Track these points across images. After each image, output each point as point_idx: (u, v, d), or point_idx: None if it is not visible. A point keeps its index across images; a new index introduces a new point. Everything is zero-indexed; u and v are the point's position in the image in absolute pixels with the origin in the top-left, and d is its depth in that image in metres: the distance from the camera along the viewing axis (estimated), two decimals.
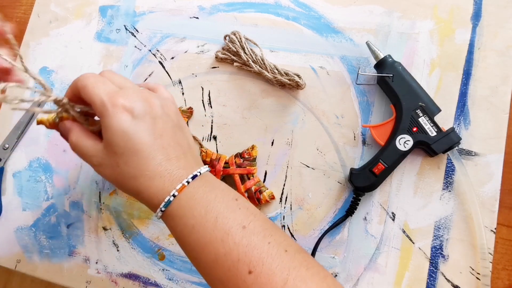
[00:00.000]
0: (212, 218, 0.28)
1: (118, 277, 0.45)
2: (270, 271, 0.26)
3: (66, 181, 0.49)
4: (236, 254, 0.27)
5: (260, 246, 0.27)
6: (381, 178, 0.39)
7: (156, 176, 0.29)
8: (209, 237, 0.28)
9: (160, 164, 0.29)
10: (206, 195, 0.29)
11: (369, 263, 0.40)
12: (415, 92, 0.39)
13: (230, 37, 0.46)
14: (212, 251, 0.28)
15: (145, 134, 0.29)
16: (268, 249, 0.27)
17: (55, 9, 0.54)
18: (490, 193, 0.38)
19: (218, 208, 0.29)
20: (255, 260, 0.27)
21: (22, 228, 0.49)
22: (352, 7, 0.45)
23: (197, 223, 0.28)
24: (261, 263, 0.26)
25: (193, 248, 0.29)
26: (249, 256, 0.27)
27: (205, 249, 0.28)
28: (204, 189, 0.30)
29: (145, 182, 0.29)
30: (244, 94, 0.46)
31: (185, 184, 0.29)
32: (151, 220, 0.46)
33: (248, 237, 0.27)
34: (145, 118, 0.29)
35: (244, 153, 0.44)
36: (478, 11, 0.42)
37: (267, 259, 0.27)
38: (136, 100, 0.29)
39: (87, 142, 0.31)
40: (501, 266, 0.38)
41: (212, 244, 0.28)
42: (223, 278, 0.27)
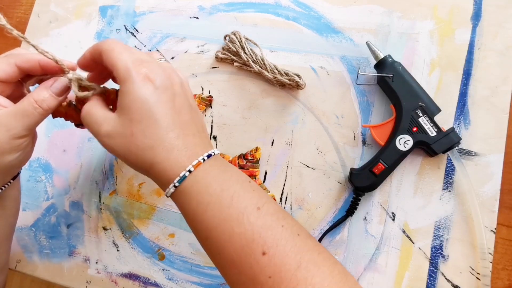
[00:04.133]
0: (228, 196, 0.28)
1: (118, 277, 0.45)
2: (284, 253, 0.26)
3: (66, 181, 0.49)
4: (251, 234, 0.26)
5: (274, 228, 0.27)
6: (381, 178, 0.39)
7: (174, 149, 0.28)
8: (225, 215, 0.27)
9: (178, 138, 0.28)
10: (221, 174, 0.29)
11: (369, 263, 0.40)
12: (415, 92, 0.39)
13: (230, 37, 0.46)
14: (226, 229, 0.27)
15: (166, 106, 0.28)
16: (282, 231, 0.27)
17: (55, 9, 0.54)
18: (490, 193, 0.38)
19: (234, 187, 0.28)
20: (270, 241, 0.26)
21: (22, 228, 0.49)
22: (352, 7, 0.45)
23: (213, 201, 0.28)
24: (275, 245, 0.26)
25: (207, 227, 0.28)
26: (263, 237, 0.26)
27: (219, 227, 0.27)
28: (219, 168, 0.29)
29: (162, 153, 0.28)
30: (244, 94, 0.46)
31: (201, 161, 0.28)
32: (151, 220, 0.46)
33: (263, 217, 0.27)
34: (167, 91, 0.29)
35: (248, 155, 0.43)
36: (478, 11, 0.42)
37: (281, 241, 0.26)
38: (159, 72, 0.29)
39: (100, 110, 0.30)
40: (501, 266, 0.38)
41: (227, 222, 0.27)
42: (235, 258, 0.27)
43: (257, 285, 0.26)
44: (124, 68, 0.28)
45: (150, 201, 0.46)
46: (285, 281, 0.25)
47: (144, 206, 0.46)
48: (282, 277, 0.25)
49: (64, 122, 0.50)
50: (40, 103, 0.31)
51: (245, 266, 0.26)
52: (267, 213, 0.27)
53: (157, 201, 0.46)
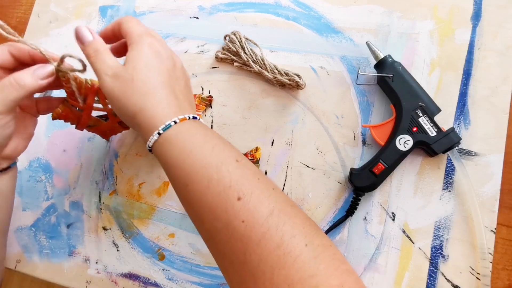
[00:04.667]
0: (210, 146, 0.30)
1: (118, 277, 0.45)
2: (258, 200, 0.27)
3: (66, 181, 0.49)
4: (228, 180, 0.28)
5: (251, 178, 0.29)
6: (381, 178, 0.39)
7: (164, 100, 0.31)
8: (205, 162, 0.29)
9: (169, 95, 0.32)
10: (205, 130, 0.31)
11: (369, 263, 0.40)
12: (415, 92, 0.39)
13: (230, 37, 0.46)
14: (205, 175, 0.29)
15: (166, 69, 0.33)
16: (258, 183, 0.29)
17: (55, 9, 0.54)
18: (490, 193, 0.38)
19: (215, 140, 0.31)
20: (246, 188, 0.28)
21: (22, 228, 0.49)
22: (352, 7, 0.45)
23: (195, 149, 0.30)
24: (250, 192, 0.28)
25: (187, 173, 0.29)
26: (240, 185, 0.28)
27: (199, 173, 0.29)
28: (203, 127, 0.32)
29: (153, 101, 0.31)
30: (244, 94, 0.46)
31: (187, 117, 0.31)
32: (151, 220, 0.46)
33: (241, 169, 0.29)
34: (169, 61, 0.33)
35: (248, 155, 0.43)
36: (478, 11, 0.42)
37: (256, 190, 0.28)
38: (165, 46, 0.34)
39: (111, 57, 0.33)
40: (501, 266, 0.38)
41: (207, 168, 0.29)
42: (212, 204, 0.28)
43: (230, 230, 0.27)
44: (137, 33, 0.33)
45: (150, 201, 0.46)
46: (256, 225, 0.26)
47: (144, 206, 0.46)
48: (254, 222, 0.27)
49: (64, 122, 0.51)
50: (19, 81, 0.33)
51: (221, 211, 0.28)
52: (245, 167, 0.30)
53: (157, 201, 0.46)
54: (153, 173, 0.47)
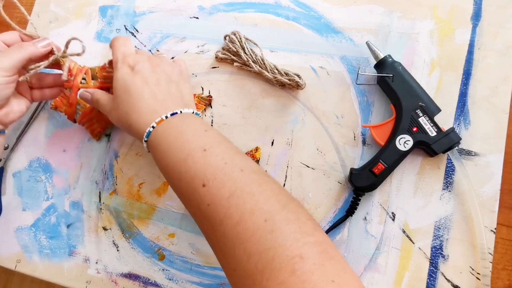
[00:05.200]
0: (179, 143, 0.33)
1: (118, 277, 0.45)
2: (221, 184, 0.30)
3: (66, 181, 0.49)
4: (193, 171, 0.31)
5: (216, 165, 0.31)
6: (381, 178, 0.39)
7: (143, 112, 0.36)
8: (176, 159, 0.33)
9: (147, 104, 0.36)
10: (179, 127, 0.35)
11: (369, 263, 0.40)
12: (415, 92, 0.39)
13: (230, 37, 0.46)
14: (176, 171, 0.33)
15: (138, 81, 0.37)
16: (223, 167, 0.31)
17: (55, 9, 0.54)
18: (490, 193, 0.38)
19: (185, 135, 0.34)
20: (209, 175, 0.31)
21: (22, 228, 0.49)
22: (352, 7, 0.45)
23: (168, 148, 0.34)
24: (213, 178, 0.30)
25: (166, 171, 0.34)
26: (203, 172, 0.31)
27: (173, 169, 0.33)
28: (179, 123, 0.35)
29: (135, 116, 0.36)
30: (244, 94, 0.46)
31: (163, 118, 0.35)
32: (151, 220, 0.46)
33: (206, 157, 0.32)
34: (143, 71, 0.38)
35: (248, 154, 0.43)
36: (478, 11, 0.42)
37: (220, 175, 0.30)
38: (140, 60, 0.39)
39: (105, 97, 0.40)
40: (501, 266, 0.38)
41: (177, 164, 0.33)
42: (184, 193, 0.33)
43: (200, 213, 0.31)
44: (115, 60, 0.39)
45: (150, 201, 0.46)
46: (219, 207, 0.29)
47: (144, 206, 0.46)
48: (217, 203, 0.30)
49: (64, 122, 0.51)
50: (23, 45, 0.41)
51: (191, 198, 0.32)
52: (212, 154, 0.32)
53: (157, 201, 0.46)
54: (153, 173, 0.47)
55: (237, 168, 0.31)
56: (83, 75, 0.44)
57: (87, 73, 0.44)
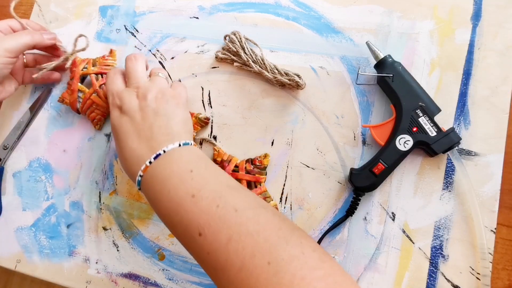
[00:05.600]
0: (166, 192, 0.32)
1: (118, 277, 0.45)
2: (216, 231, 0.29)
3: (66, 181, 0.49)
4: (186, 220, 0.31)
5: (208, 210, 0.30)
6: (381, 178, 0.39)
7: (129, 158, 0.36)
8: (165, 209, 0.32)
9: (132, 148, 0.35)
10: (162, 172, 0.33)
11: (369, 263, 0.40)
12: (415, 92, 0.39)
13: (230, 37, 0.46)
14: (169, 220, 0.32)
15: (125, 124, 0.37)
16: (216, 211, 0.30)
17: (55, 9, 0.54)
18: (490, 193, 0.38)
19: (171, 182, 0.32)
20: (203, 223, 0.30)
21: (22, 228, 0.49)
22: (352, 7, 0.45)
23: (156, 198, 0.33)
24: (208, 225, 0.29)
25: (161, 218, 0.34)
26: (197, 221, 0.30)
27: (165, 219, 0.33)
28: (163, 167, 0.34)
29: (124, 163, 0.36)
30: (244, 94, 0.46)
31: (148, 164, 0.34)
32: (151, 220, 0.46)
33: (196, 204, 0.31)
34: (129, 111, 0.37)
35: (256, 160, 0.43)
36: (478, 11, 0.42)
37: (214, 221, 0.29)
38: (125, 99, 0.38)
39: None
40: (501, 266, 0.38)
41: (169, 215, 0.32)
42: (182, 241, 0.32)
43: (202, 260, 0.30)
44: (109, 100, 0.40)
45: None
46: (219, 255, 0.29)
47: (144, 206, 0.46)
48: (216, 252, 0.29)
49: (64, 122, 0.51)
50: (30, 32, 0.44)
51: (190, 246, 0.31)
52: (202, 198, 0.31)
53: None
54: None
55: (230, 209, 0.30)
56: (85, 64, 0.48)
57: (88, 62, 0.48)
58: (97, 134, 0.49)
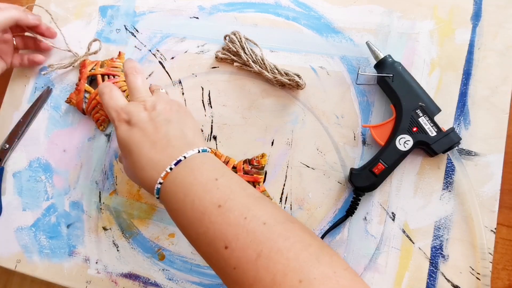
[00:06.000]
0: (190, 201, 0.31)
1: (118, 277, 0.45)
2: (245, 245, 0.28)
3: (66, 181, 0.49)
4: (212, 232, 0.29)
5: (235, 222, 0.29)
6: (381, 178, 0.39)
7: (146, 167, 0.34)
8: (188, 219, 0.31)
9: (149, 158, 0.34)
10: (185, 179, 0.32)
11: (369, 263, 0.40)
12: (415, 92, 0.39)
13: (230, 37, 0.46)
14: (193, 231, 0.31)
15: (137, 136, 0.35)
16: (244, 224, 0.29)
17: (55, 9, 0.54)
18: (490, 193, 0.38)
19: (195, 190, 0.31)
20: (230, 236, 0.28)
21: (22, 228, 0.49)
22: (352, 7, 0.45)
23: (179, 207, 0.32)
24: (236, 239, 0.28)
25: (183, 229, 0.32)
26: (224, 233, 0.29)
27: (187, 229, 0.31)
28: (185, 174, 0.32)
29: (140, 173, 0.34)
30: (244, 94, 0.46)
31: (168, 171, 0.33)
32: (151, 220, 0.46)
33: (223, 215, 0.29)
34: (139, 123, 0.35)
35: (253, 160, 0.43)
36: (478, 11, 0.42)
37: (242, 234, 0.28)
38: (134, 111, 0.36)
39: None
40: (501, 266, 0.38)
41: (192, 225, 0.31)
42: (205, 253, 0.31)
43: (227, 275, 0.29)
44: (111, 119, 0.37)
45: (150, 201, 0.46)
46: (247, 271, 0.27)
47: (144, 206, 0.46)
48: (244, 267, 0.27)
49: (64, 122, 0.51)
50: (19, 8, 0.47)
51: (214, 260, 0.30)
52: (229, 209, 0.29)
53: (157, 201, 0.46)
54: None
55: (259, 223, 0.29)
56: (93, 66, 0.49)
57: (96, 64, 0.49)
58: (97, 134, 0.49)
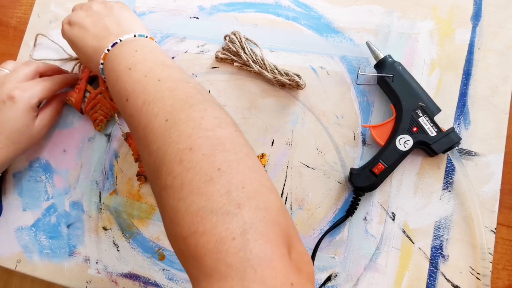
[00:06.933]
0: (112, 68, 0.36)
1: (118, 277, 0.45)
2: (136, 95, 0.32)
3: (66, 181, 0.49)
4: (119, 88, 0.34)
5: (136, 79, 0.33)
6: (381, 178, 0.39)
7: (92, 55, 0.40)
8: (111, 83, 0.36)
9: (91, 45, 0.40)
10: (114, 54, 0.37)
11: (369, 263, 0.40)
12: (415, 92, 0.39)
13: (230, 37, 0.46)
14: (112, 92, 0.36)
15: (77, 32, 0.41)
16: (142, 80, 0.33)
17: (55, 9, 0.54)
18: (490, 193, 0.38)
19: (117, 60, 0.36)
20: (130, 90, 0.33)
21: (22, 228, 0.49)
22: (352, 7, 0.45)
23: (108, 77, 0.37)
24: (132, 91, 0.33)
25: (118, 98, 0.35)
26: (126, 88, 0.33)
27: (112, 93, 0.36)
28: (117, 52, 0.37)
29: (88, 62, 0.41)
30: (244, 94, 0.46)
31: (106, 52, 0.38)
32: (151, 220, 0.46)
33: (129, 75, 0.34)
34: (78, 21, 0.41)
35: None
36: (478, 11, 0.42)
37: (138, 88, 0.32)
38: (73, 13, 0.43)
39: None
40: (501, 266, 0.38)
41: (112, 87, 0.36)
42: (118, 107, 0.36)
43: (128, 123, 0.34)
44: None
45: (150, 201, 0.46)
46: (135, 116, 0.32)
47: (144, 206, 0.46)
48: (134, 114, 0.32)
49: (64, 122, 0.51)
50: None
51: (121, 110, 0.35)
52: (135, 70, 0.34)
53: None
54: None
55: (155, 79, 0.32)
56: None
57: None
58: (97, 134, 0.49)
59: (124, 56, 0.36)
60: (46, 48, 0.53)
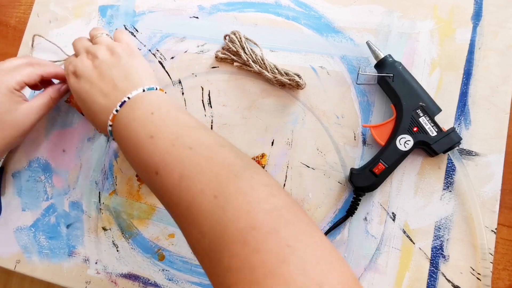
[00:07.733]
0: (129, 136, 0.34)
1: (117, 277, 0.45)
2: (170, 169, 0.30)
3: (66, 181, 0.49)
4: (144, 160, 0.32)
5: (164, 149, 0.31)
6: (381, 178, 0.39)
7: (98, 113, 0.37)
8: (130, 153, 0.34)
9: (99, 104, 0.37)
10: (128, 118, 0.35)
11: (369, 264, 0.40)
12: (415, 92, 0.39)
13: (230, 37, 0.46)
14: (132, 162, 0.34)
15: (85, 86, 0.38)
16: (172, 151, 0.31)
17: (54, 8, 0.54)
18: (490, 193, 0.38)
19: (134, 126, 0.34)
20: (159, 162, 0.31)
21: (22, 228, 0.49)
22: (352, 7, 0.45)
23: (124, 144, 0.35)
24: (163, 164, 0.31)
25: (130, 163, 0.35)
26: (154, 160, 0.31)
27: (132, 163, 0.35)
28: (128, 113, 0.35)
29: (94, 120, 0.38)
30: (244, 94, 0.46)
31: (115, 113, 0.36)
32: (151, 220, 0.46)
33: (154, 144, 0.32)
34: (84, 73, 0.38)
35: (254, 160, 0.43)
36: (479, 11, 0.42)
37: (168, 160, 0.31)
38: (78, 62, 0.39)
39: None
40: (501, 266, 0.38)
41: (132, 157, 0.34)
42: (145, 181, 0.34)
43: (160, 198, 0.32)
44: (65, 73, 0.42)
45: (150, 201, 0.46)
46: (173, 192, 0.30)
47: (144, 206, 0.46)
48: (170, 189, 0.30)
49: (64, 122, 0.51)
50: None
51: (151, 186, 0.33)
52: (159, 138, 0.32)
53: (157, 201, 0.46)
54: None
55: (185, 148, 0.31)
56: None
57: None
58: (97, 134, 0.49)
59: (140, 122, 0.34)
60: (45, 49, 0.53)
